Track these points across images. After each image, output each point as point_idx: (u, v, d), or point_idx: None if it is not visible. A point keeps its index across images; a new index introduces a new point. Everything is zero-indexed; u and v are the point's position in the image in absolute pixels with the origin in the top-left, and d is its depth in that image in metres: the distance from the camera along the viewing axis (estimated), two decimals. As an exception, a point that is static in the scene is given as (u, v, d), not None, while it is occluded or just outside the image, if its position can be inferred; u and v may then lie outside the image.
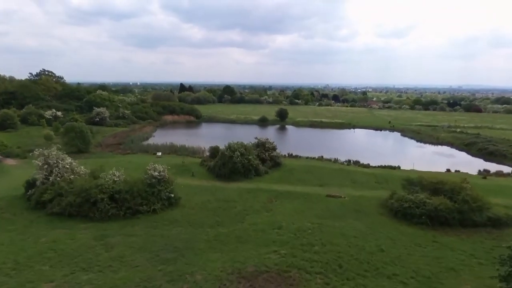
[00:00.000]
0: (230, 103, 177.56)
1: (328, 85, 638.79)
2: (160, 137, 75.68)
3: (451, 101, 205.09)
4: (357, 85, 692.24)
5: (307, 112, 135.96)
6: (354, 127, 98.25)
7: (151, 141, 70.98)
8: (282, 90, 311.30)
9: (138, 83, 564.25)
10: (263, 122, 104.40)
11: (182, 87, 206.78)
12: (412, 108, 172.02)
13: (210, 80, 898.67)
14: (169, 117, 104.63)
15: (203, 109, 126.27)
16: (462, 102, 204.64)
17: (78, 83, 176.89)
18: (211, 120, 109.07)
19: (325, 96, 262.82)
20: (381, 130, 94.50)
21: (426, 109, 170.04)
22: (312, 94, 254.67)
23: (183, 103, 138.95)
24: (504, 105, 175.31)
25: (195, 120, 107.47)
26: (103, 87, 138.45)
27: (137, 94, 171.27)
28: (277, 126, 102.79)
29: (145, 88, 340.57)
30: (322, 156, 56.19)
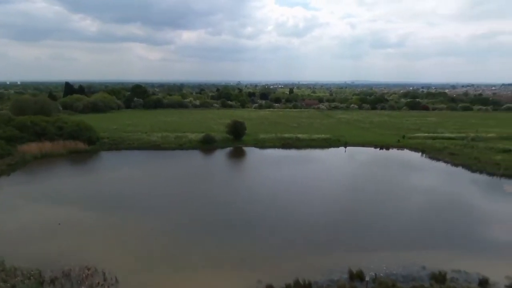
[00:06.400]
0: (143, 108, 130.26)
1: (240, 82, 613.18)
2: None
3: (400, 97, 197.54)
4: (266, 81, 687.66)
5: (257, 119, 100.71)
6: (346, 144, 66.77)
7: None
8: (202, 88, 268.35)
9: (18, 82, 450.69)
10: (207, 145, 64.96)
11: (69, 88, 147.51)
12: (360, 107, 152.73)
13: (112, 78, 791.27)
14: (32, 147, 55.96)
15: (103, 122, 79.62)
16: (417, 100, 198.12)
17: None
18: (118, 146, 62.63)
19: (252, 94, 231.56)
20: (387, 148, 64.85)
21: (374, 108, 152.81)
22: (240, 92, 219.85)
23: (70, 112, 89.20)
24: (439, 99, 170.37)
25: (87, 149, 60.10)
26: None
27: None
28: (230, 149, 64.78)
29: (26, 88, 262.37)
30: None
